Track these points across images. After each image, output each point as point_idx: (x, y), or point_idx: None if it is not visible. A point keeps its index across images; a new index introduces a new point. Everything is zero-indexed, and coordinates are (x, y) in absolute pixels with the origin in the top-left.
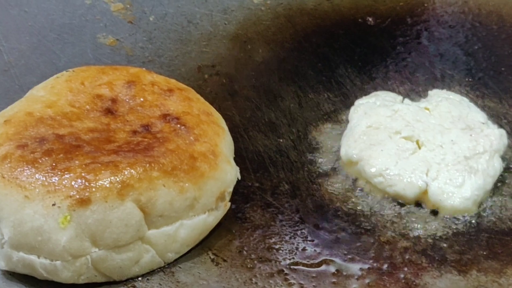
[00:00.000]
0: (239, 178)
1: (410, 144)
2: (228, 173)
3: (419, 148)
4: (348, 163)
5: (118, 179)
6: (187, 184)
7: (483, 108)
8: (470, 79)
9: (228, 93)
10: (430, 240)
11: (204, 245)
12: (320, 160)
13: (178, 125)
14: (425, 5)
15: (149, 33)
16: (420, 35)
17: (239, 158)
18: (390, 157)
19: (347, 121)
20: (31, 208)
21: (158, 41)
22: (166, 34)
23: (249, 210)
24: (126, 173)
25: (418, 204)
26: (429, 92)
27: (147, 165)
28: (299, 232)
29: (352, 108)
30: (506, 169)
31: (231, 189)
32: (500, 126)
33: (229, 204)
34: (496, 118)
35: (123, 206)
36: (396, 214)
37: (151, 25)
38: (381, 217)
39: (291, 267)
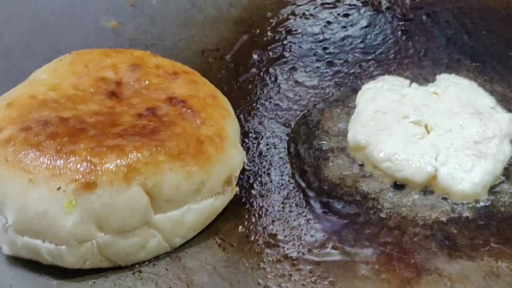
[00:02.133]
0: (246, 162)
1: (418, 129)
2: (235, 157)
3: (428, 132)
4: (356, 148)
5: (124, 163)
6: (194, 168)
7: (491, 92)
8: (477, 64)
9: (233, 76)
10: (440, 226)
11: (211, 230)
12: (328, 144)
13: (184, 109)
14: None
15: (151, 17)
16: (427, 19)
17: (245, 141)
18: (398, 142)
19: (355, 106)
20: (36, 192)
21: (161, 24)
22: (169, 18)
23: (256, 194)
24: (132, 156)
25: (427, 189)
26: (437, 76)
27: (154, 148)
28: (307, 217)
29: (360, 93)
30: None
31: (237, 173)
32: (509, 110)
33: (236, 188)
34: (505, 102)
35: (129, 190)
36: (405, 200)
37: (154, 8)
38: (389, 203)
39: (299, 252)
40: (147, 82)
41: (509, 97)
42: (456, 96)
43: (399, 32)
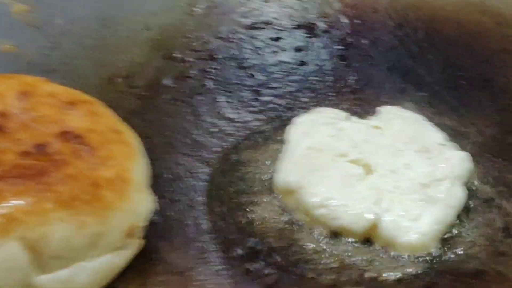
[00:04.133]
0: (156, 209)
1: (357, 169)
2: (141, 204)
3: (369, 173)
4: (285, 191)
5: (1, 212)
6: (88, 218)
7: (440, 126)
8: (424, 94)
9: (145, 107)
10: (382, 284)
11: None
12: (252, 188)
13: (80, 145)
14: (375, 10)
15: (55, 38)
16: (369, 44)
17: (157, 185)
18: (335, 185)
19: (284, 142)
20: None
21: (65, 47)
22: (75, 40)
23: (167, 249)
24: (12, 204)
25: (368, 240)
26: (379, 108)
27: (39, 194)
28: (227, 278)
29: (290, 127)
30: (470, 197)
31: (144, 223)
32: (462, 147)
33: (140, 241)
34: (457, 138)
35: (6, 245)
36: (342, 253)
37: (57, 29)
38: (324, 257)
39: None
40: (37, 113)
41: (460, 132)
42: (401, 131)
43: (337, 58)
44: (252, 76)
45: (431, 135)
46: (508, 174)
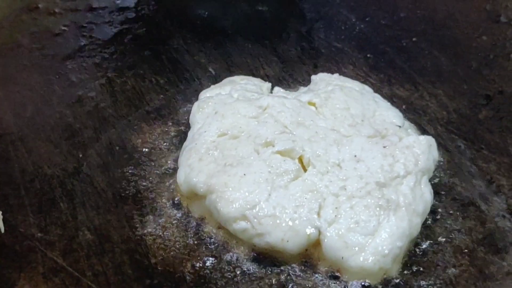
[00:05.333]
0: (2, 230)
1: (289, 164)
2: None
3: (305, 170)
4: (190, 195)
5: None
6: None
7: (391, 99)
8: (370, 56)
9: None
10: None
11: None
12: (146, 190)
13: None
14: None
15: None
16: None
17: (8, 189)
18: (259, 187)
19: (187, 126)
20: None
21: None
22: None
23: (24, 283)
24: None
25: (306, 263)
26: (312, 76)
27: None
28: None
29: (195, 105)
30: (437, 198)
31: None
32: (422, 129)
33: None
34: (414, 114)
35: None
36: (269, 281)
37: None
38: (245, 286)
39: None
40: None
41: (418, 105)
42: (344, 108)
43: (257, 9)
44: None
45: (383, 113)
46: (483, 163)
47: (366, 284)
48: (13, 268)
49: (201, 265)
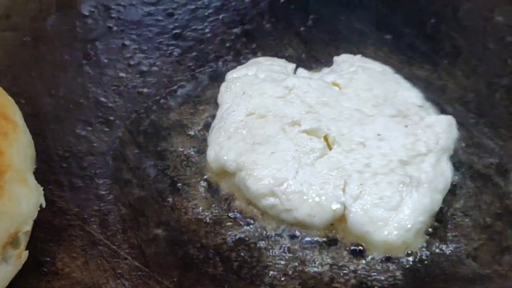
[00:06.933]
0: (43, 205)
1: (315, 142)
2: (23, 200)
3: (330, 148)
4: (219, 173)
5: None
6: None
7: (411, 80)
8: (390, 37)
9: (25, 59)
10: None
11: None
12: (175, 169)
13: None
14: None
15: None
16: None
17: (46, 166)
18: (287, 164)
19: (216, 106)
20: None
21: None
22: None
23: (64, 256)
24: None
25: (331, 236)
26: (335, 58)
27: None
28: None
29: (223, 85)
30: (455, 174)
31: (29, 227)
32: (441, 108)
33: (25, 253)
34: (433, 94)
35: None
36: (297, 255)
37: None
38: (272, 258)
39: None
40: None
41: (438, 86)
42: (367, 89)
43: None
44: (171, 15)
45: (404, 93)
46: (500, 141)
47: (390, 256)
48: (53, 242)
49: (230, 238)
